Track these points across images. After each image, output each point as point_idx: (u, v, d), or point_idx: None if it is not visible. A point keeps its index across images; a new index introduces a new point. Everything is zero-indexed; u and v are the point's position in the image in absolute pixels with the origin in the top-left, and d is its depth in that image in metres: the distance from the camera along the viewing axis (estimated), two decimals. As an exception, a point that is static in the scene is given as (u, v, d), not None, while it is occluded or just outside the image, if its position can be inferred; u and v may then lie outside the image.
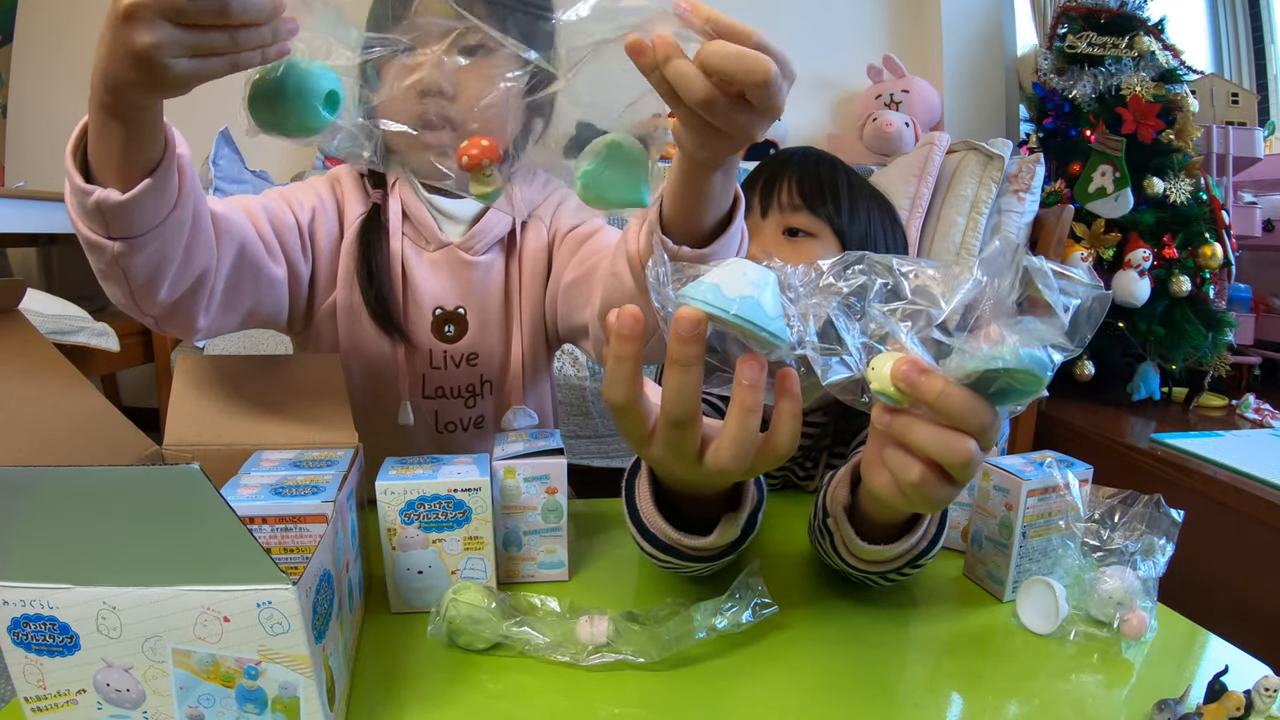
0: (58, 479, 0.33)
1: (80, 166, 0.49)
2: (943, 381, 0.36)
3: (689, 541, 0.51)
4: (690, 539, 0.51)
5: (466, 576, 0.54)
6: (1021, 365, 0.35)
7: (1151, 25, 1.95)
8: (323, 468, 0.51)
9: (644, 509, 0.53)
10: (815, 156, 0.78)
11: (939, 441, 0.37)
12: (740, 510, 0.51)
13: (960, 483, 0.40)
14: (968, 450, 0.37)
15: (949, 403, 0.36)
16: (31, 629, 0.35)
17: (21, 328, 0.54)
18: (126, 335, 1.84)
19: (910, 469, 0.39)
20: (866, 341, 0.38)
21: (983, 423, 0.37)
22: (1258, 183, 2.27)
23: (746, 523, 0.52)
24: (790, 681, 0.48)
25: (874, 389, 0.38)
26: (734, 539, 0.52)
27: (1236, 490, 1.30)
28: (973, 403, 0.36)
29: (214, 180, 1.92)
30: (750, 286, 0.36)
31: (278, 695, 0.37)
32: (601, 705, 0.45)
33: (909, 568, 0.53)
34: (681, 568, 0.55)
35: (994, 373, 0.36)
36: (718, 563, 0.55)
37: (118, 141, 0.46)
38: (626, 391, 0.40)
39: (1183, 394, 1.97)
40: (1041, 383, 0.36)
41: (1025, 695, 0.48)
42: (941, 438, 0.37)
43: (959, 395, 0.36)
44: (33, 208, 1.93)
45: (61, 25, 2.44)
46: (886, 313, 0.38)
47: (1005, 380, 0.36)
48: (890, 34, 2.55)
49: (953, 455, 0.37)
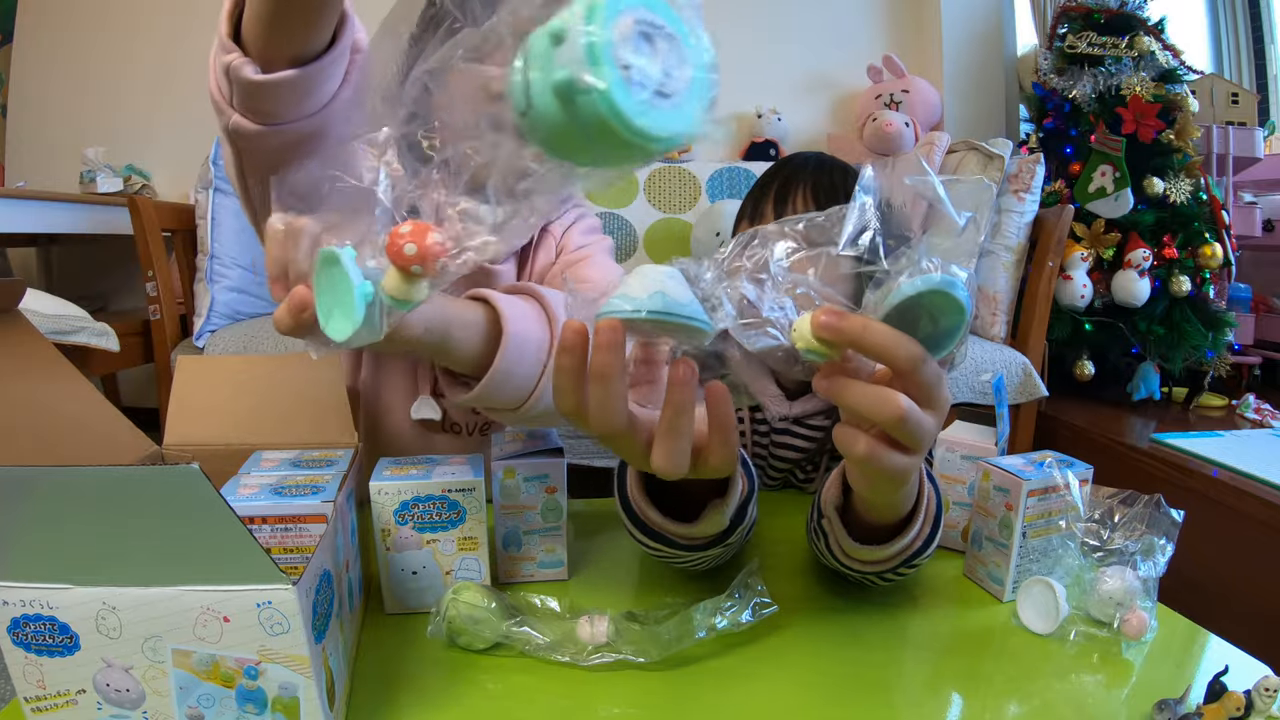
0: (57, 479, 0.33)
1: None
2: (863, 319, 0.36)
3: (674, 528, 0.51)
4: (676, 525, 0.51)
5: (461, 577, 0.54)
6: (931, 287, 0.35)
7: (1151, 25, 1.96)
8: (322, 468, 0.51)
9: (633, 494, 0.53)
10: (828, 163, 0.78)
11: (870, 397, 0.37)
12: (727, 498, 0.50)
13: (909, 447, 0.39)
14: (899, 404, 0.37)
15: (874, 337, 0.36)
16: (31, 629, 0.35)
17: (21, 328, 0.54)
18: (126, 335, 1.84)
19: (856, 442, 0.39)
20: (781, 306, 0.38)
21: (912, 354, 0.36)
22: (1258, 183, 2.27)
23: (736, 514, 0.52)
24: (790, 681, 0.48)
25: (802, 351, 0.38)
26: (722, 529, 0.51)
27: (1236, 490, 1.30)
28: (898, 336, 0.36)
29: (213, 180, 1.93)
30: (655, 284, 0.36)
31: (277, 695, 0.37)
32: (601, 705, 0.45)
33: (905, 567, 0.53)
34: (674, 557, 0.55)
35: (909, 304, 0.36)
36: (710, 554, 0.55)
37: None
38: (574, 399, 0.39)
39: (1183, 394, 1.98)
40: (960, 305, 0.36)
41: (1025, 695, 0.48)
42: (871, 392, 0.37)
43: (882, 329, 0.36)
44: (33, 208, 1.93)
45: (61, 25, 2.44)
46: (787, 267, 0.37)
47: (926, 313, 0.36)
48: (890, 34, 2.55)
49: (885, 409, 0.37)
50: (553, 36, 0.26)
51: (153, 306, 1.86)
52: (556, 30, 0.26)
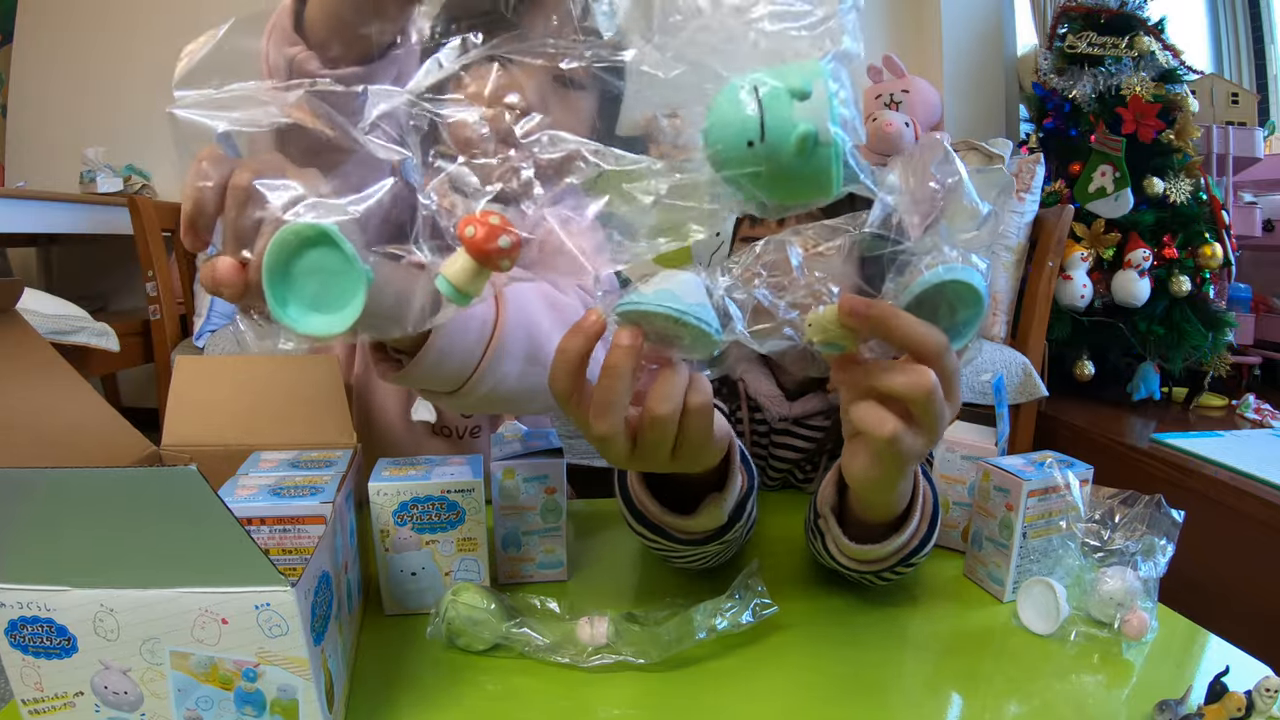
0: (54, 480, 0.33)
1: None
2: (890, 306, 0.37)
3: (673, 520, 0.51)
4: (675, 518, 0.51)
5: (460, 578, 0.54)
6: (955, 276, 0.36)
7: (1151, 25, 1.95)
8: (321, 468, 0.50)
9: (633, 486, 0.53)
10: None
11: (903, 372, 0.38)
12: (725, 493, 0.50)
13: (927, 427, 0.40)
14: (930, 378, 0.37)
15: (902, 323, 0.37)
16: (28, 631, 0.35)
17: (19, 328, 0.54)
18: (126, 335, 1.84)
19: (885, 422, 0.39)
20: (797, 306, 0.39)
21: (939, 342, 0.37)
22: (1258, 183, 2.27)
23: (735, 510, 0.52)
24: (790, 682, 0.48)
25: (818, 341, 0.38)
26: (720, 524, 0.51)
27: (1236, 490, 1.30)
28: (924, 323, 0.37)
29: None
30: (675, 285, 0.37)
31: (276, 698, 0.37)
32: (601, 707, 0.45)
33: (902, 566, 0.53)
34: (672, 551, 0.55)
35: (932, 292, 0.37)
36: (709, 550, 0.55)
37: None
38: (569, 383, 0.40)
39: (1183, 394, 1.97)
40: (979, 296, 0.37)
41: (1025, 696, 0.48)
42: (903, 370, 0.38)
43: (908, 315, 0.37)
44: (33, 208, 1.93)
45: (61, 25, 2.44)
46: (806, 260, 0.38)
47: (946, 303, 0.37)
48: (890, 34, 2.55)
49: (919, 383, 0.38)
50: (794, 93, 0.31)
51: (153, 306, 1.86)
52: (798, 90, 0.31)
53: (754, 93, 0.31)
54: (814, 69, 0.31)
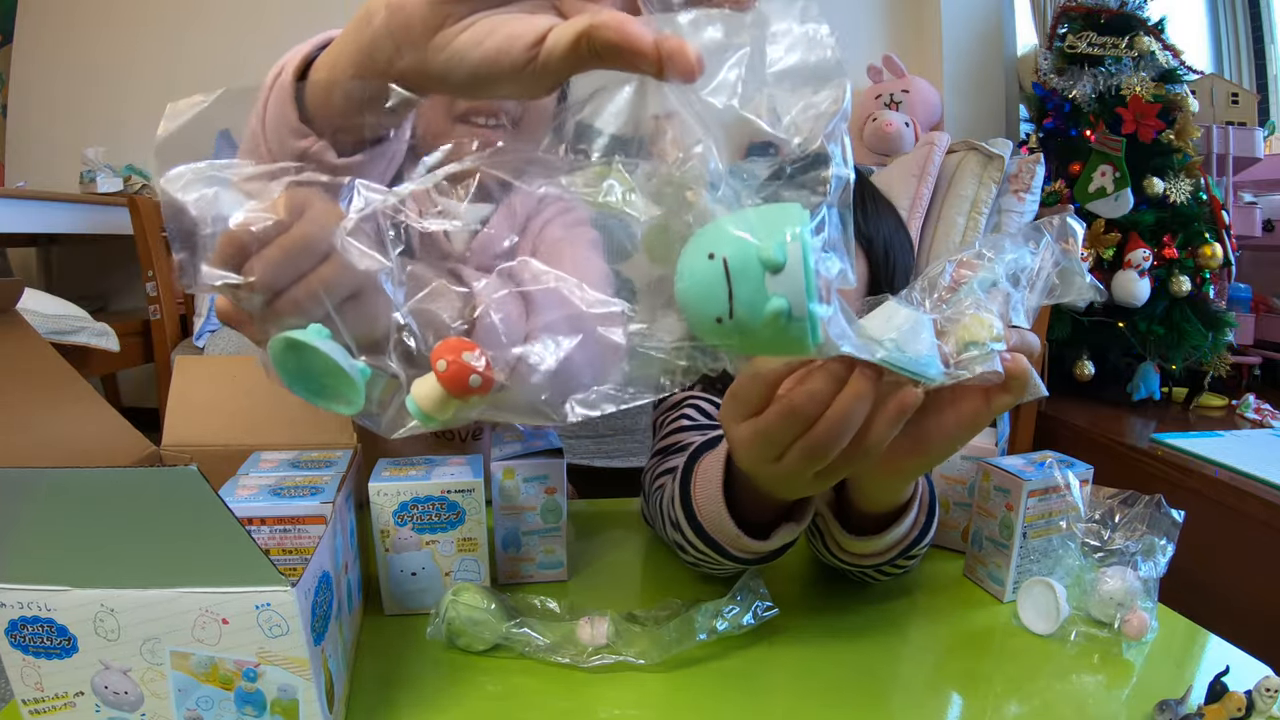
0: (55, 480, 0.33)
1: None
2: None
3: (749, 543, 0.50)
4: (751, 540, 0.50)
5: (460, 578, 0.54)
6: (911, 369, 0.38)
7: (1151, 25, 1.95)
8: (321, 469, 0.51)
9: (705, 497, 0.52)
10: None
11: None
12: (800, 521, 0.51)
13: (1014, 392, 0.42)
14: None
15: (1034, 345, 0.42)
16: (29, 631, 0.35)
17: (19, 328, 0.54)
18: (126, 335, 1.84)
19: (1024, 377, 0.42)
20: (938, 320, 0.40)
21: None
22: (1258, 183, 2.27)
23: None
24: (791, 682, 0.48)
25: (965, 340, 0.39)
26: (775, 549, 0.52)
27: (1236, 490, 1.30)
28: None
29: (213, 180, 1.92)
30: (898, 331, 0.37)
31: (276, 698, 0.37)
32: (602, 707, 0.45)
33: (902, 559, 0.54)
34: (706, 561, 0.54)
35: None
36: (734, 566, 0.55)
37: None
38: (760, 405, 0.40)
39: (1183, 394, 1.97)
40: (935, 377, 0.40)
41: (1026, 696, 0.48)
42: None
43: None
44: (33, 208, 1.93)
45: (62, 25, 2.44)
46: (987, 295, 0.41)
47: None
48: (890, 34, 2.55)
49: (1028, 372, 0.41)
50: (766, 264, 0.29)
51: (153, 306, 1.86)
52: (770, 261, 0.29)
53: (723, 264, 0.29)
54: (793, 217, 0.29)
